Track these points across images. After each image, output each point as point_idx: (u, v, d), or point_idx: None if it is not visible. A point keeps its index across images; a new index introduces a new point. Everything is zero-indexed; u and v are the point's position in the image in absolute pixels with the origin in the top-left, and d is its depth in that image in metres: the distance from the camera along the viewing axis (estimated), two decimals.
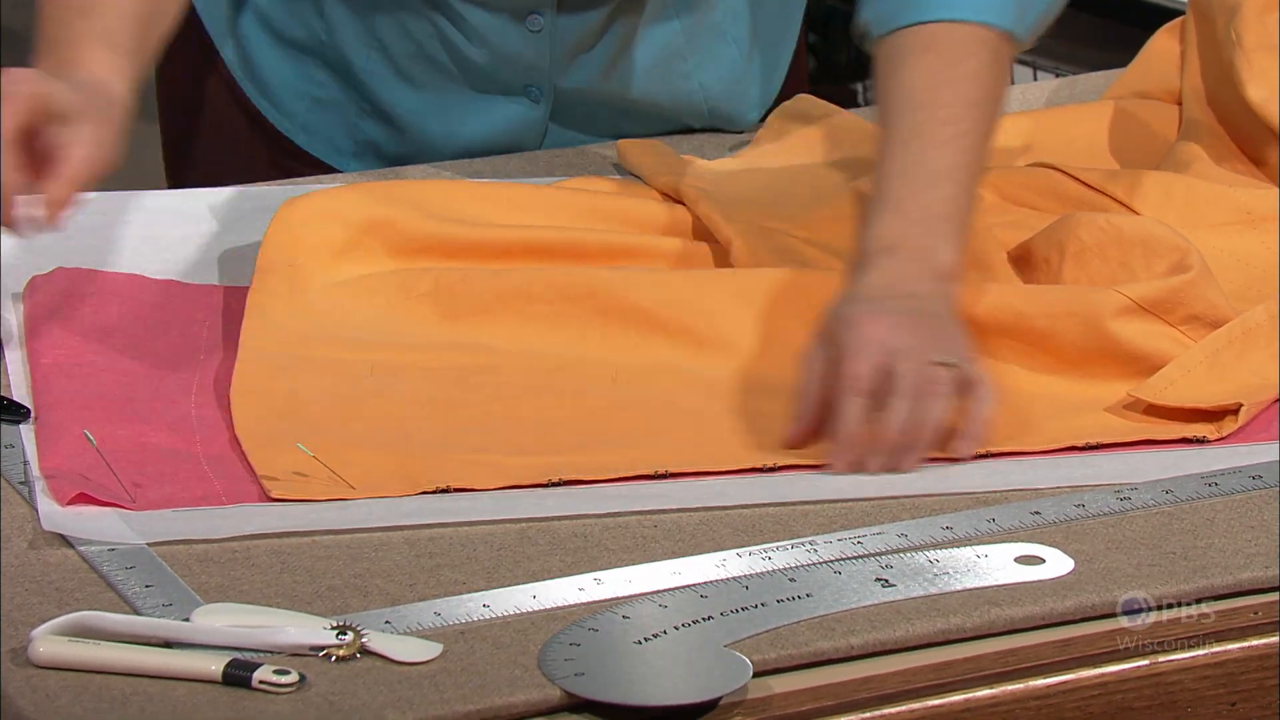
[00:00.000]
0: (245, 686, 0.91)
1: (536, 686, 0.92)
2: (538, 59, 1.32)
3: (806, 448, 1.07)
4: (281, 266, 1.20)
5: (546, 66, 1.32)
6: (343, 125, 1.37)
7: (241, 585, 0.98)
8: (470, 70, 1.32)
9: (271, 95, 1.37)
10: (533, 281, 1.19)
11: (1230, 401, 1.09)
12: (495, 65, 1.32)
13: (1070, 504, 1.04)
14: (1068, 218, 1.19)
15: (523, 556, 1.00)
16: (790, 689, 0.93)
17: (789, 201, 1.27)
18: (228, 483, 1.05)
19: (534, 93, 1.33)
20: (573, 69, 1.33)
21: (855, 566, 0.99)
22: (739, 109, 1.39)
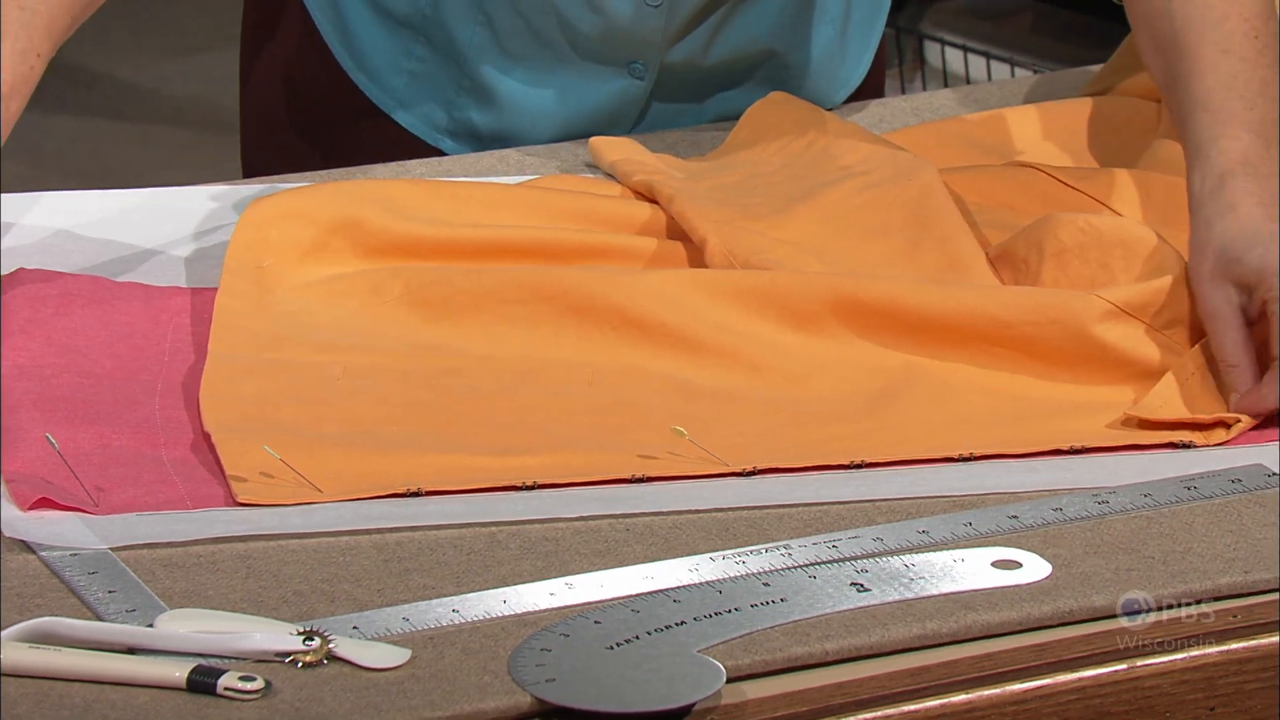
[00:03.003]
0: (210, 693, 0.90)
1: (506, 693, 0.91)
2: (651, 33, 1.32)
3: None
4: (249, 268, 1.19)
5: (659, 41, 1.32)
6: (440, 101, 1.37)
7: (206, 590, 0.97)
8: (579, 45, 1.32)
9: (369, 69, 1.37)
10: (506, 282, 1.18)
11: (1228, 415, 1.08)
12: (606, 40, 1.32)
13: (1048, 508, 1.03)
14: (1046, 218, 1.18)
15: (493, 561, 0.99)
16: (764, 695, 0.92)
17: (764, 200, 1.26)
18: (192, 486, 1.04)
19: (638, 69, 1.33)
20: (680, 43, 1.33)
21: (830, 571, 0.98)
22: (828, 89, 1.40)
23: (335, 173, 1.34)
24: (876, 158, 1.27)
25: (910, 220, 1.22)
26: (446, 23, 1.35)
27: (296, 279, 1.19)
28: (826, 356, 1.14)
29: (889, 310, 1.14)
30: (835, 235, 1.22)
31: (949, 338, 1.14)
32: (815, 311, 1.15)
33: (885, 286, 1.15)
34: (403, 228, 1.21)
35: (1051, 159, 1.33)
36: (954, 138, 1.36)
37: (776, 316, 1.15)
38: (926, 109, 1.43)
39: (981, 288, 1.17)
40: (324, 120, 1.41)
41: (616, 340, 1.15)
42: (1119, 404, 1.12)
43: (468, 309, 1.17)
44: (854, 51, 1.41)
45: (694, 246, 1.23)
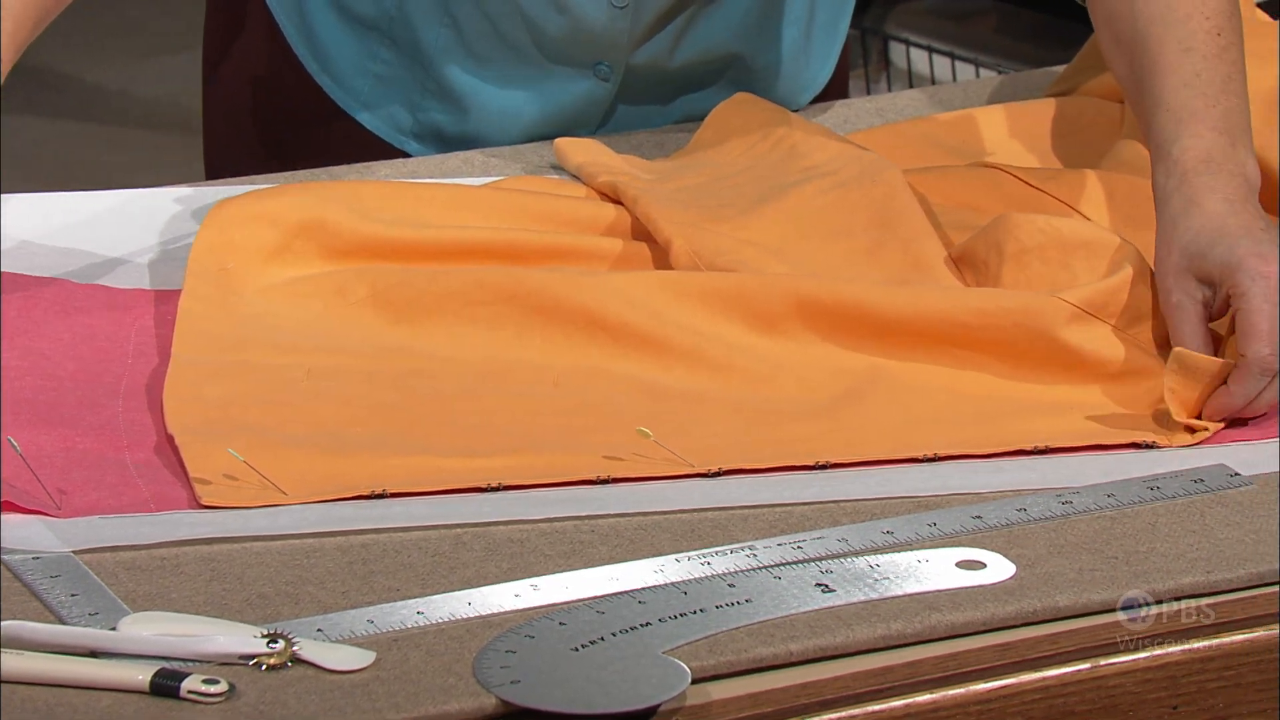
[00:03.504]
0: (173, 697, 0.90)
1: (471, 695, 0.91)
2: (617, 35, 1.32)
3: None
4: (213, 270, 1.19)
5: (625, 43, 1.32)
6: (405, 103, 1.37)
7: (170, 593, 0.96)
8: (544, 47, 1.32)
9: (334, 71, 1.37)
10: (471, 283, 1.17)
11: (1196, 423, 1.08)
12: (572, 42, 1.32)
13: (1012, 508, 1.04)
14: (1003, 219, 1.19)
15: (458, 563, 0.99)
16: (729, 695, 0.92)
17: (729, 201, 1.26)
18: (156, 488, 1.03)
19: (603, 70, 1.33)
20: (645, 45, 1.33)
21: (795, 572, 0.98)
22: (793, 91, 1.40)
23: (299, 174, 1.34)
24: (841, 159, 1.27)
25: (874, 221, 1.22)
26: (411, 24, 1.35)
27: (261, 281, 1.19)
28: (791, 358, 1.14)
29: (853, 312, 1.15)
30: (799, 236, 1.22)
31: (913, 339, 1.14)
32: (780, 313, 1.15)
33: (850, 288, 1.16)
34: (367, 229, 1.21)
35: (1015, 159, 1.34)
36: (918, 139, 1.36)
37: (741, 318, 1.15)
38: (891, 110, 1.43)
39: (945, 289, 1.17)
40: (288, 122, 1.41)
41: (582, 341, 1.15)
42: (1082, 404, 1.12)
43: (433, 310, 1.17)
44: (818, 53, 1.41)
45: (659, 248, 1.23)
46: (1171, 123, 1.13)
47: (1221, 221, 1.10)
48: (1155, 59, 1.15)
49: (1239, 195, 1.11)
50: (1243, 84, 1.16)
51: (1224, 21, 1.16)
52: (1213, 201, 1.11)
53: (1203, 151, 1.12)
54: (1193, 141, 1.12)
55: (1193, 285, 1.10)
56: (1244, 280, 1.07)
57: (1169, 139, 1.13)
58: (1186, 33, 1.15)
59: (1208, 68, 1.14)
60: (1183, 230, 1.11)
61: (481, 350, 1.15)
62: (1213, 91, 1.14)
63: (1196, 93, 1.13)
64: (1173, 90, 1.14)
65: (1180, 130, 1.13)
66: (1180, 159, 1.12)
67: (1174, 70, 1.14)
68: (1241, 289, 1.07)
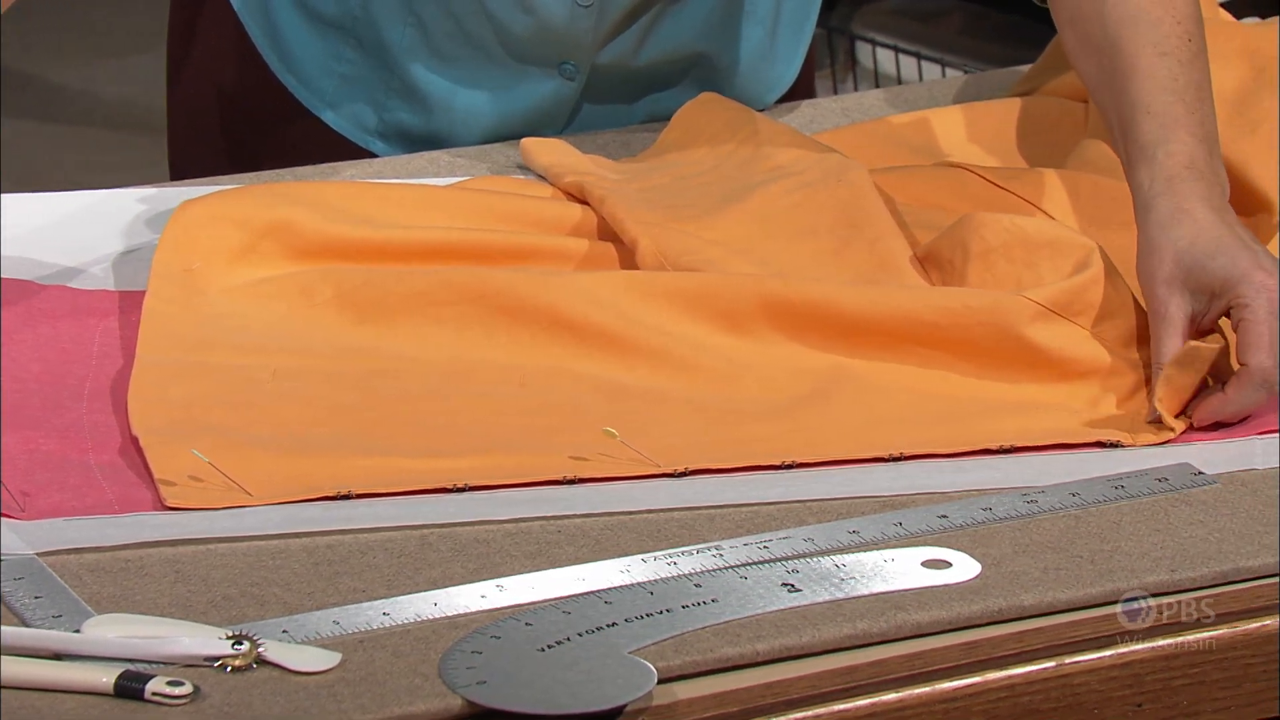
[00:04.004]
0: (138, 699, 0.89)
1: (437, 695, 0.90)
2: (582, 34, 1.31)
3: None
4: (177, 271, 1.18)
5: (590, 42, 1.32)
6: (370, 103, 1.36)
7: (134, 595, 0.96)
8: (509, 46, 1.31)
9: (299, 71, 1.36)
10: (436, 283, 1.17)
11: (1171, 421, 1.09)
12: (537, 41, 1.32)
13: (977, 508, 1.04)
14: (968, 218, 1.19)
15: (424, 563, 0.99)
16: (695, 695, 0.92)
17: (695, 201, 1.26)
18: (120, 490, 1.03)
19: (569, 69, 1.33)
20: (610, 44, 1.33)
21: (761, 571, 0.98)
22: (759, 90, 1.40)
23: (265, 175, 1.34)
24: (807, 158, 1.27)
25: (840, 221, 1.22)
26: (376, 24, 1.35)
27: (226, 282, 1.18)
28: (757, 357, 1.14)
29: (819, 311, 1.15)
30: (765, 235, 1.22)
31: (879, 339, 1.14)
32: (745, 313, 1.15)
33: (815, 288, 1.16)
34: (333, 230, 1.20)
35: (980, 159, 1.34)
36: (884, 138, 1.37)
37: (707, 318, 1.15)
38: (857, 109, 1.43)
39: (911, 289, 1.17)
40: (253, 122, 1.40)
41: (547, 341, 1.15)
42: (1048, 403, 1.12)
43: (398, 311, 1.16)
44: (784, 53, 1.41)
45: (625, 248, 1.23)
46: (1156, 126, 1.13)
47: (1216, 232, 1.11)
48: (1131, 61, 1.15)
49: (1222, 203, 1.13)
50: (1211, 90, 1.16)
51: (1193, 27, 1.16)
52: (1202, 210, 1.11)
53: (1186, 157, 1.13)
54: (1177, 146, 1.13)
55: (1185, 297, 1.10)
56: (1248, 292, 1.08)
57: (1154, 142, 1.13)
58: (1160, 36, 1.15)
59: (1183, 73, 1.15)
60: (1175, 238, 1.11)
61: (447, 351, 1.15)
62: (1190, 97, 1.14)
63: (1176, 98, 1.14)
64: (1152, 94, 1.14)
65: (1165, 134, 1.13)
66: (1165, 163, 1.13)
67: (1152, 74, 1.14)
68: (1245, 300, 1.08)
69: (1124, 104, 1.16)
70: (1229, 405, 1.09)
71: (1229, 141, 1.20)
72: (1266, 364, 1.07)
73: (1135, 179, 1.15)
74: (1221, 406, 1.09)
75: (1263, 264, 1.09)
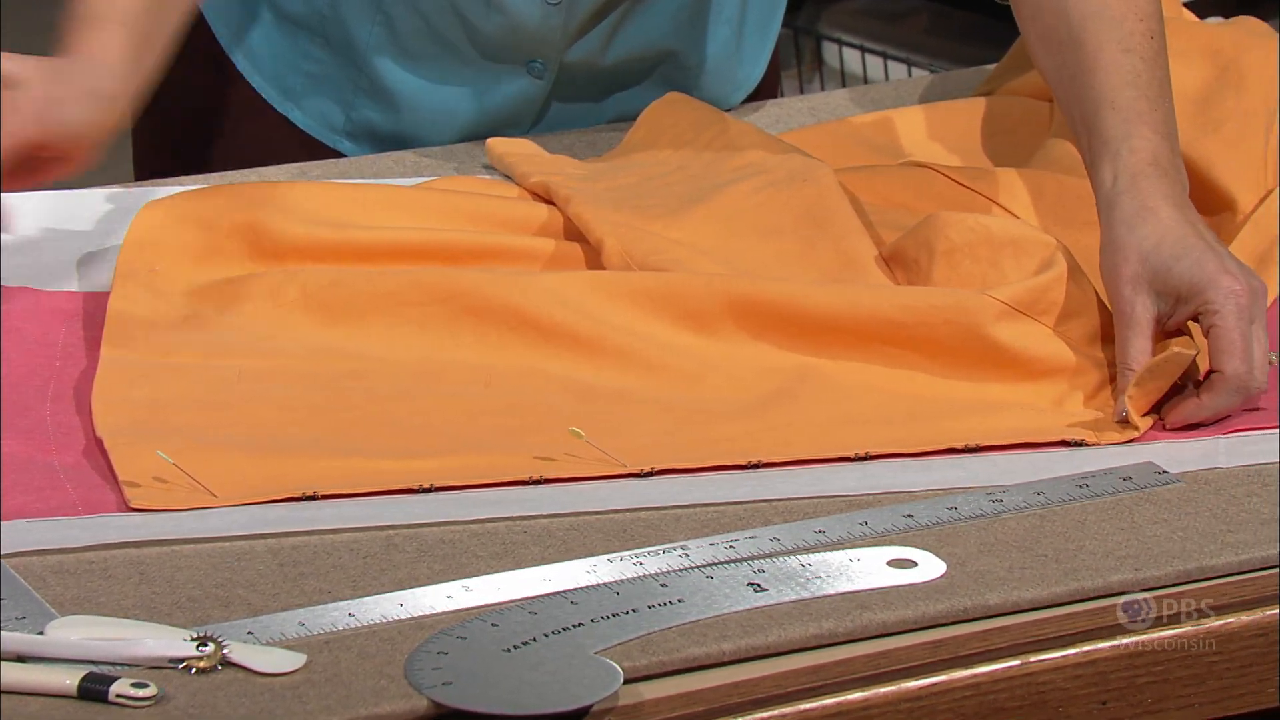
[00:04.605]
0: (102, 701, 0.89)
1: (403, 696, 0.90)
2: (550, 32, 1.31)
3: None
4: (142, 271, 1.18)
5: (558, 40, 1.31)
6: (338, 102, 1.36)
7: (98, 597, 0.96)
8: (478, 44, 1.31)
9: (266, 70, 1.35)
10: (402, 284, 1.17)
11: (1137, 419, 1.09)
12: (505, 39, 1.31)
13: (943, 507, 1.04)
14: (933, 217, 1.19)
15: (389, 564, 0.99)
16: (661, 695, 0.92)
17: (661, 201, 1.26)
18: (84, 492, 1.03)
19: (537, 68, 1.33)
20: (578, 42, 1.32)
21: (727, 571, 0.98)
22: (725, 90, 1.40)
23: (231, 175, 1.33)
24: (773, 158, 1.27)
25: (805, 220, 1.22)
26: (344, 22, 1.35)
27: (190, 282, 1.18)
28: (723, 357, 1.14)
29: (784, 311, 1.15)
30: (731, 235, 1.23)
31: (844, 338, 1.14)
32: (711, 312, 1.15)
33: (781, 288, 1.16)
34: (298, 230, 1.20)
35: (945, 159, 1.34)
36: (849, 138, 1.37)
37: (673, 318, 1.15)
38: (823, 109, 1.43)
39: (876, 288, 1.17)
40: (218, 121, 1.40)
41: (514, 342, 1.15)
42: (1013, 402, 1.12)
43: (364, 311, 1.16)
44: (750, 52, 1.41)
45: (591, 248, 1.23)
46: (1120, 122, 1.14)
47: (1181, 232, 1.11)
48: (1095, 57, 1.15)
49: (1184, 200, 1.13)
50: (1171, 89, 1.17)
51: (1155, 25, 1.17)
52: (1166, 208, 1.11)
53: (1150, 153, 1.13)
54: (1141, 143, 1.13)
55: (1150, 297, 1.11)
56: (1217, 298, 1.09)
57: (1117, 137, 1.13)
58: (1124, 33, 1.16)
59: (1146, 70, 1.15)
60: (1141, 238, 1.11)
61: (413, 351, 1.15)
62: (1153, 94, 1.15)
63: (1140, 94, 1.14)
64: (1116, 89, 1.14)
65: (1129, 130, 1.13)
66: (1129, 159, 1.13)
67: (1116, 70, 1.15)
68: (1214, 306, 1.09)
69: (1087, 99, 1.16)
70: (1202, 410, 1.09)
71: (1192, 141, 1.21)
72: (1241, 370, 1.08)
73: (1098, 175, 1.15)
74: (1195, 411, 1.09)
75: (1228, 268, 1.10)
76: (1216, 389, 1.09)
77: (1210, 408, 1.09)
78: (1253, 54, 1.31)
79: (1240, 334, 1.08)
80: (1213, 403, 1.09)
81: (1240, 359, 1.08)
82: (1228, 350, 1.08)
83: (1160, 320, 1.11)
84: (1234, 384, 1.08)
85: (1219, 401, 1.09)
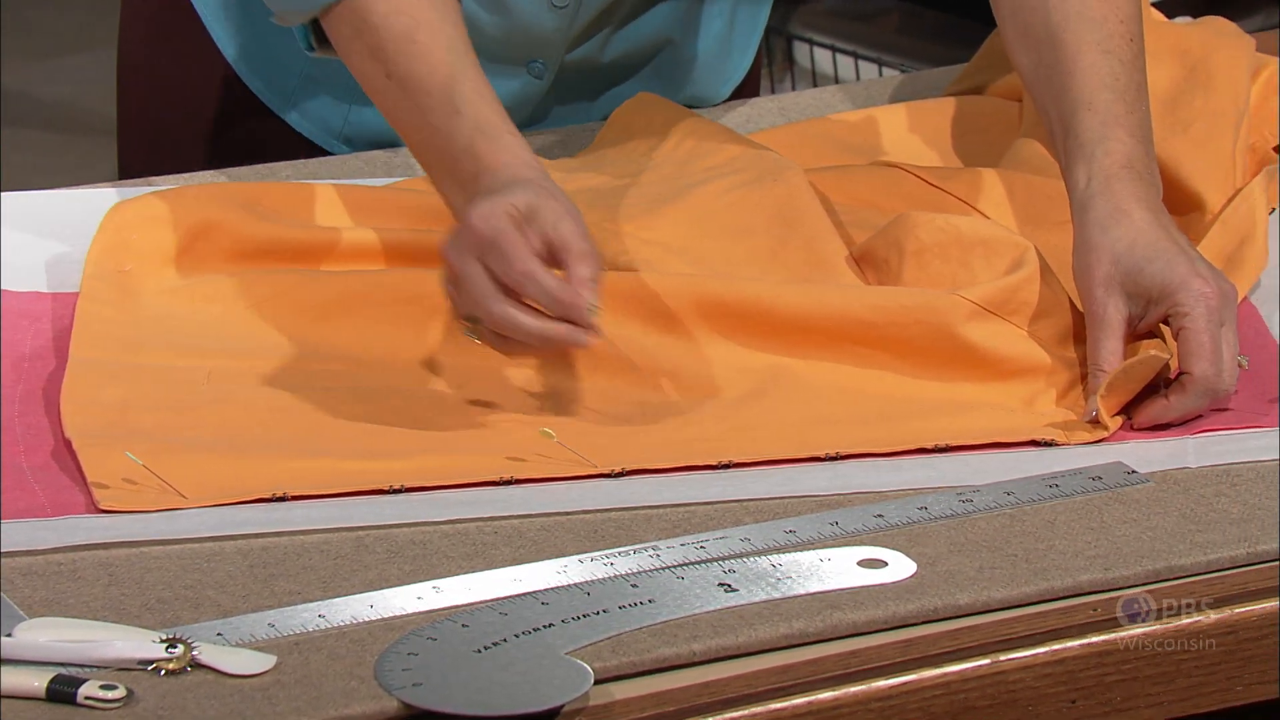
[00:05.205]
0: (70, 703, 0.89)
1: (373, 698, 0.90)
2: (555, 33, 1.31)
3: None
4: (111, 272, 1.18)
5: (561, 41, 1.31)
6: (336, 104, 1.35)
7: (67, 599, 0.95)
8: (480, 45, 1.30)
9: (263, 73, 1.35)
10: (372, 285, 1.17)
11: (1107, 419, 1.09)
12: (506, 40, 1.31)
13: (913, 507, 1.04)
14: (903, 217, 1.19)
15: (359, 565, 0.99)
16: (632, 695, 0.92)
17: (632, 201, 1.26)
18: (53, 493, 1.02)
19: (537, 68, 1.32)
20: (581, 43, 1.32)
21: (698, 571, 0.98)
22: (715, 85, 1.40)
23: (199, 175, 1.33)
24: (743, 158, 1.27)
25: (776, 220, 1.22)
26: None
27: (160, 283, 1.18)
28: (693, 357, 1.14)
29: (755, 311, 1.15)
30: (702, 235, 1.23)
31: (815, 338, 1.14)
32: (682, 313, 1.15)
33: (751, 288, 1.16)
34: (268, 231, 1.20)
35: (915, 158, 1.34)
36: (819, 138, 1.37)
37: (644, 318, 1.15)
38: (793, 109, 1.43)
39: (847, 288, 1.18)
40: (217, 125, 1.38)
41: None
42: (983, 402, 1.13)
43: (333, 312, 1.16)
44: (739, 45, 1.41)
45: None
46: (1096, 123, 1.14)
47: (1153, 235, 1.11)
48: (1074, 57, 1.15)
49: (1158, 204, 1.13)
50: (1148, 93, 1.17)
51: (1135, 28, 1.17)
52: (1140, 211, 1.12)
53: (1125, 156, 1.13)
54: (1116, 145, 1.13)
55: (1122, 299, 1.11)
56: (1187, 300, 1.09)
57: (1093, 140, 1.14)
58: (1104, 35, 1.16)
59: (1125, 73, 1.15)
60: (1114, 239, 1.12)
61: (383, 352, 1.15)
62: (1130, 97, 1.15)
63: (1117, 96, 1.14)
64: (1094, 91, 1.15)
65: (1105, 132, 1.14)
66: (1104, 161, 1.13)
67: (1095, 71, 1.15)
68: (1185, 309, 1.09)
69: (1065, 100, 1.16)
70: (1171, 411, 1.10)
71: (1160, 140, 1.21)
72: (1209, 373, 1.08)
73: (1072, 176, 1.15)
74: (1163, 412, 1.10)
75: (1199, 271, 1.10)
76: (1185, 390, 1.09)
77: (1179, 409, 1.10)
78: (1221, 54, 1.32)
79: (1210, 336, 1.09)
80: (1181, 404, 1.09)
81: (1209, 361, 1.09)
82: (1197, 352, 1.09)
83: (1132, 322, 1.12)
84: (1202, 386, 1.09)
85: (1187, 403, 1.09)
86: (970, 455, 1.09)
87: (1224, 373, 1.09)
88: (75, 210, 1.26)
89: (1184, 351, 1.10)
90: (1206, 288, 1.09)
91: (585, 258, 1.07)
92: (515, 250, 1.06)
